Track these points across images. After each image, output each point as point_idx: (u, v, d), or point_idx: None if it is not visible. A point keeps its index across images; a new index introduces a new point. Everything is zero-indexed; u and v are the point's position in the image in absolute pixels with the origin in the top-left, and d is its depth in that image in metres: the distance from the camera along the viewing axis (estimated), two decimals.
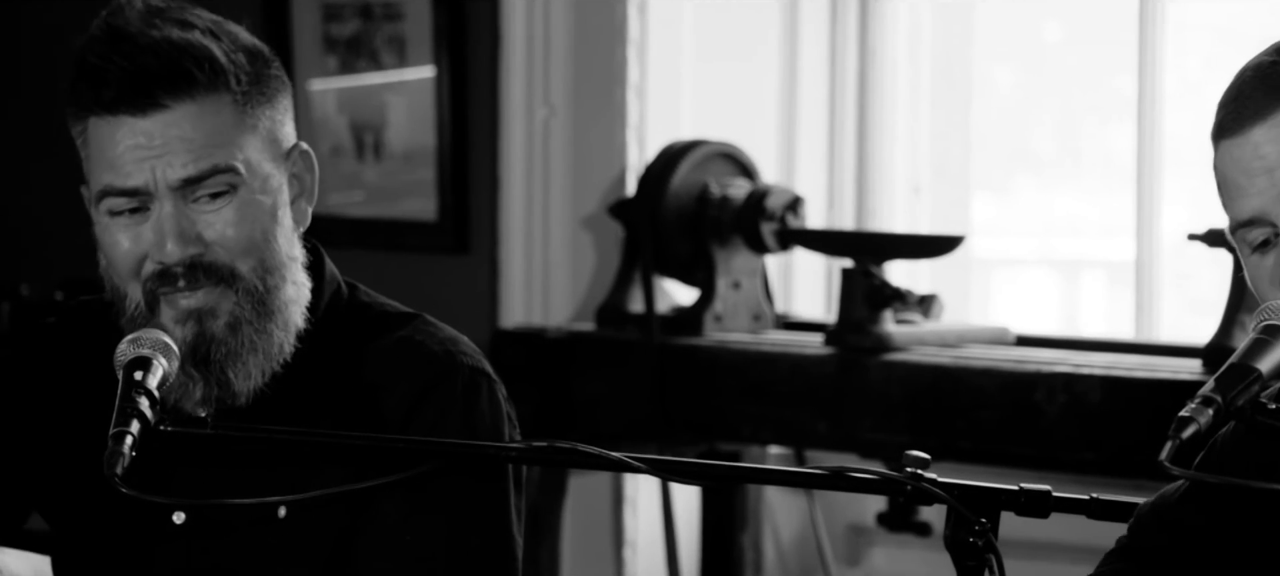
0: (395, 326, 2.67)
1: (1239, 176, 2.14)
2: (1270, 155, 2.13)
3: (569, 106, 4.91)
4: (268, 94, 2.58)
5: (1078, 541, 2.55)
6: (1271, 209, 2.13)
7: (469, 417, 2.62)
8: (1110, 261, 4.93)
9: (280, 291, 2.57)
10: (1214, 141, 2.19)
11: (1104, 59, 4.91)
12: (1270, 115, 2.13)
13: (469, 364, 2.66)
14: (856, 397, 4.30)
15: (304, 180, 2.65)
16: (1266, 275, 2.15)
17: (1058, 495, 2.33)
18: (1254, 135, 2.14)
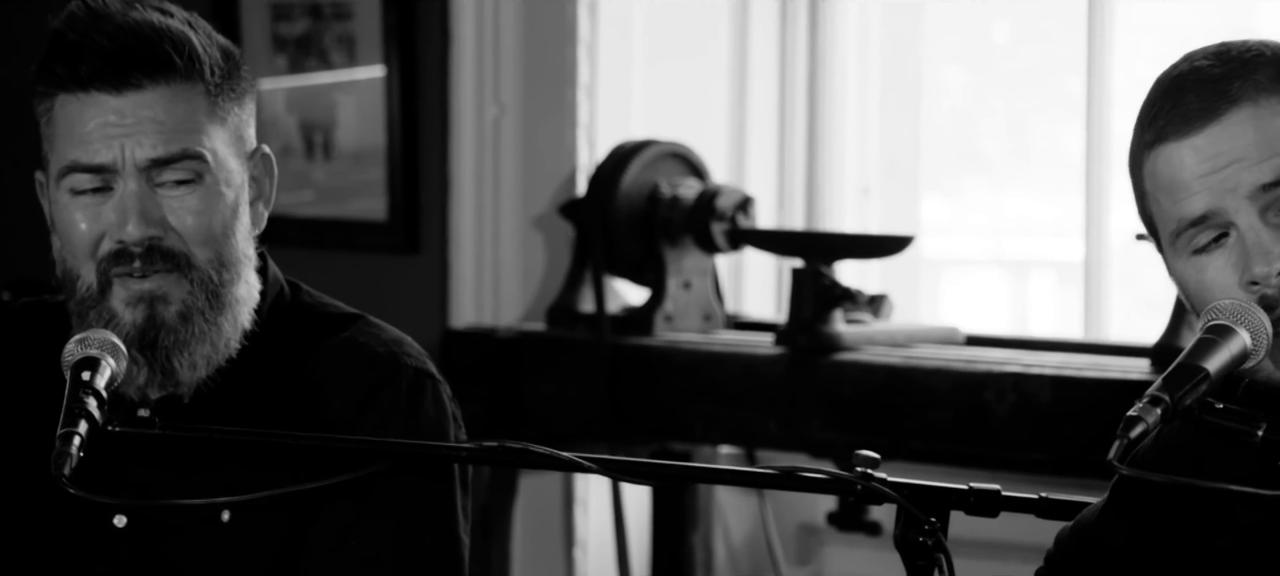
0: (339, 327, 2.67)
1: (1187, 177, 2.15)
2: (1222, 154, 2.14)
3: (519, 106, 4.90)
4: (237, 92, 2.59)
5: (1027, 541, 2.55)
6: (1225, 203, 2.13)
7: (414, 419, 2.61)
8: (1059, 261, 4.94)
9: (233, 287, 2.57)
10: (1150, 148, 2.19)
11: (1053, 59, 4.92)
12: (1216, 115, 2.14)
13: (413, 365, 2.65)
14: (807, 397, 4.31)
15: (263, 184, 2.65)
16: (1213, 276, 2.15)
17: (1007, 494, 2.34)
18: (1200, 138, 2.15)
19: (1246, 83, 2.15)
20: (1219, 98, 2.15)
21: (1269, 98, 2.15)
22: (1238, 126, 2.14)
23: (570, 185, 4.83)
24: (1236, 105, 2.14)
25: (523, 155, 4.90)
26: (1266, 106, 2.14)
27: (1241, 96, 2.14)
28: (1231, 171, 2.13)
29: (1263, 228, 2.12)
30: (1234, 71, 2.16)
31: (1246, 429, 2.08)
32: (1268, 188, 2.12)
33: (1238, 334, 2.09)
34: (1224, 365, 2.09)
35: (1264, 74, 2.16)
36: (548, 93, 4.86)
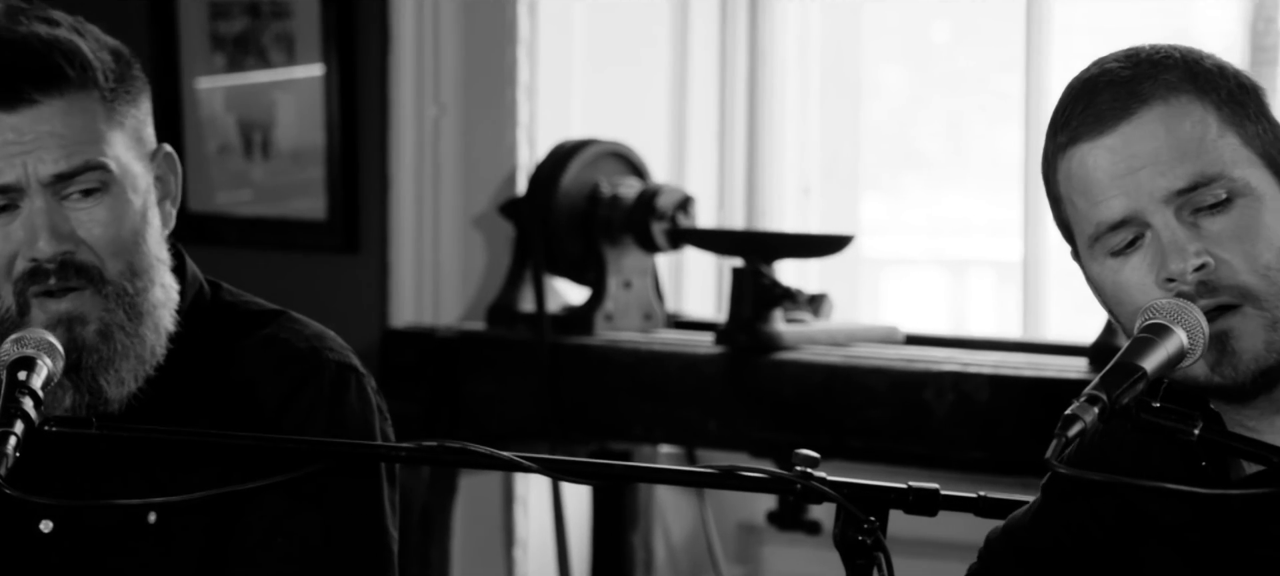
0: (260, 324, 2.65)
1: (1103, 180, 2.16)
2: (1137, 155, 2.15)
3: (459, 105, 4.89)
4: (132, 93, 2.56)
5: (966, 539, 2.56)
6: (1142, 205, 2.15)
7: (337, 413, 2.60)
8: (998, 261, 4.96)
9: (149, 294, 2.54)
10: (1063, 150, 2.20)
11: (991, 60, 4.94)
12: (1129, 115, 2.16)
13: (335, 359, 2.63)
14: (747, 397, 4.31)
15: (168, 182, 2.62)
16: (1132, 278, 2.17)
17: (946, 493, 2.34)
18: (1114, 139, 2.16)
19: (1156, 83, 2.16)
20: (1130, 97, 2.16)
21: (1178, 97, 2.16)
22: (1149, 126, 2.15)
23: (510, 184, 4.82)
24: (1147, 105, 2.15)
25: (463, 154, 4.90)
26: (1176, 105, 2.15)
27: (1152, 96, 2.15)
28: (1146, 174, 2.14)
29: (1178, 226, 2.14)
30: (1144, 72, 2.17)
31: (1184, 427, 2.10)
32: (1181, 193, 2.14)
33: (1175, 333, 2.10)
34: (1161, 364, 2.10)
35: (1173, 75, 2.17)
36: (488, 92, 4.85)
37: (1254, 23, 4.50)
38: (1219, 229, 2.14)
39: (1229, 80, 2.19)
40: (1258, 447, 2.14)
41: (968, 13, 5.03)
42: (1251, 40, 4.48)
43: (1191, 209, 2.14)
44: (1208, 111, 2.16)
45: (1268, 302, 2.13)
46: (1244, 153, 2.16)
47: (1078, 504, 2.36)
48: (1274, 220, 2.15)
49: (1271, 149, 2.18)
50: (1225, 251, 2.13)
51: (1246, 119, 2.17)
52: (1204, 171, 2.14)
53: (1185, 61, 2.19)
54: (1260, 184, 2.16)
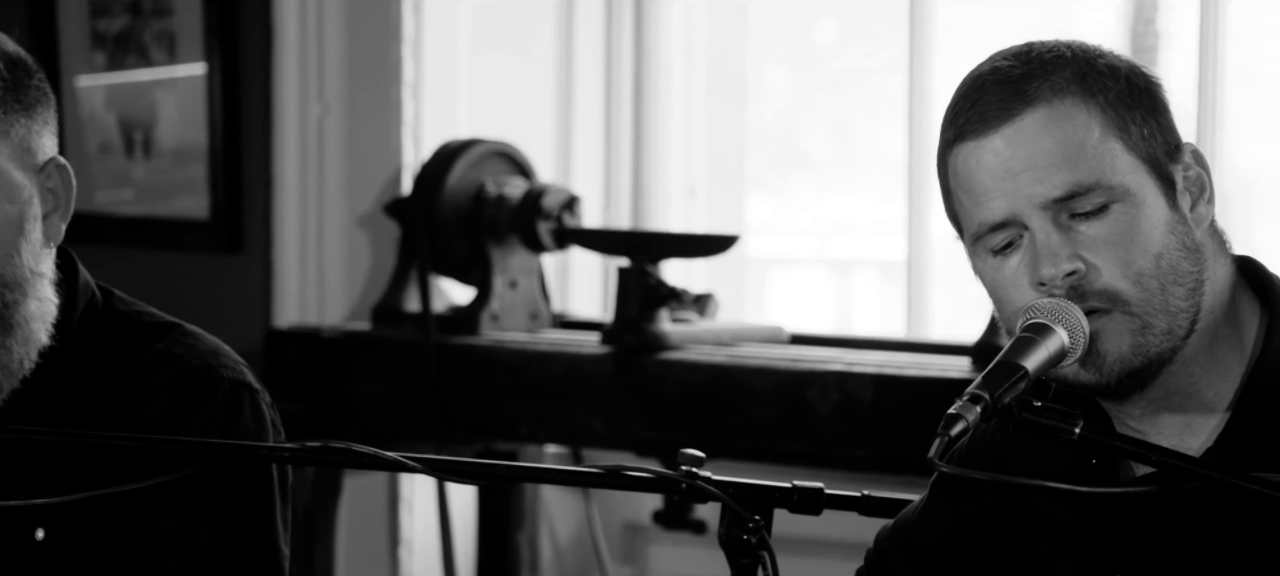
0: (154, 338, 2.60)
1: (985, 180, 2.17)
2: (1018, 158, 2.16)
3: (343, 104, 4.87)
4: (25, 103, 2.50)
5: (850, 538, 2.57)
6: (1021, 209, 2.16)
7: (232, 432, 2.56)
8: (883, 261, 4.99)
9: (21, 307, 2.49)
10: (951, 146, 2.21)
11: (876, 60, 4.97)
12: (1013, 117, 2.16)
13: (230, 377, 2.59)
14: (632, 396, 4.32)
15: (59, 195, 2.56)
16: (1010, 277, 2.18)
17: (830, 492, 2.35)
18: (997, 140, 2.16)
19: (1044, 83, 2.16)
20: (1016, 98, 2.16)
21: (1063, 100, 2.16)
22: (1031, 129, 2.15)
23: (395, 184, 4.80)
24: (1031, 107, 2.16)
25: (347, 153, 4.87)
26: (1060, 109, 2.15)
27: (1037, 99, 2.16)
28: (1025, 178, 2.15)
29: (1053, 230, 2.15)
30: (1033, 72, 2.17)
31: (1064, 426, 2.11)
32: (1059, 201, 2.15)
33: (1056, 332, 2.12)
34: (1042, 363, 2.11)
35: (1062, 76, 2.17)
36: (372, 91, 4.83)
37: (1134, 24, 4.55)
38: (1095, 234, 2.15)
39: (1121, 81, 2.19)
40: (1139, 447, 2.16)
41: (852, 14, 5.05)
42: (1131, 41, 4.53)
43: (1069, 213, 2.15)
44: (1092, 115, 2.16)
45: (1137, 307, 2.15)
46: (1126, 158, 2.16)
47: (966, 501, 2.38)
48: (1151, 226, 2.16)
49: (1157, 151, 2.18)
50: (1098, 257, 2.14)
51: (1132, 122, 2.17)
52: (1081, 180, 2.14)
53: (1077, 61, 2.19)
54: (1140, 188, 2.16)
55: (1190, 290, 2.16)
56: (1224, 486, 2.08)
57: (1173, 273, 2.15)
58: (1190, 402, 2.21)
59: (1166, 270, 2.15)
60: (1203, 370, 2.20)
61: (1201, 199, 2.20)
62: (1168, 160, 2.19)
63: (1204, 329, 2.18)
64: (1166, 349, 2.16)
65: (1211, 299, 2.19)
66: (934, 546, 2.41)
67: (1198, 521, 2.18)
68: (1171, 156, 2.19)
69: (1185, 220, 2.18)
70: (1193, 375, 2.19)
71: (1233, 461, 2.14)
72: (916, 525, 2.42)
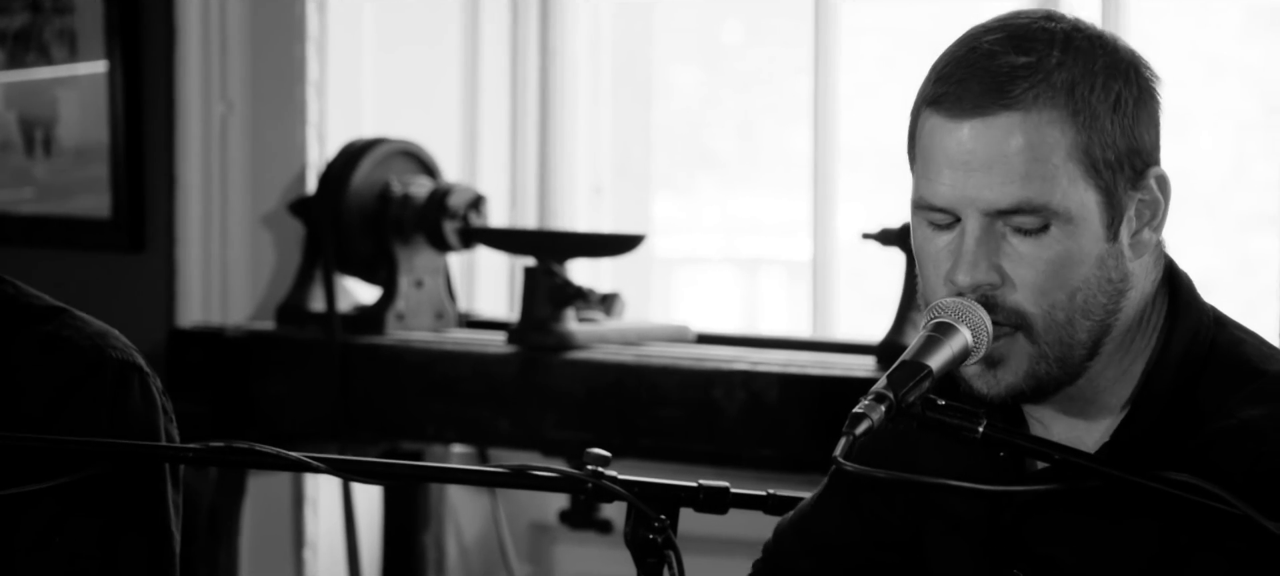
0: (40, 321, 2.58)
1: (940, 161, 2.15)
2: (977, 156, 2.14)
3: (247, 103, 4.84)
4: None
5: (756, 537, 2.58)
6: (962, 206, 2.15)
7: (119, 412, 2.54)
8: (789, 260, 5.01)
9: None
10: (928, 105, 2.16)
11: (782, 61, 4.98)
12: (988, 114, 2.13)
13: (118, 357, 2.57)
14: (539, 396, 4.31)
15: None
16: (935, 254, 2.18)
17: (736, 491, 2.35)
18: (965, 129, 2.14)
19: (1030, 89, 2.12)
20: (996, 96, 2.12)
21: (1043, 111, 2.11)
22: (999, 132, 2.12)
23: (300, 183, 4.78)
24: (1008, 111, 2.11)
25: (251, 152, 4.85)
26: (1035, 118, 2.11)
27: (1016, 103, 2.11)
28: (977, 178, 2.13)
29: (981, 237, 2.13)
30: (1023, 72, 2.12)
31: (968, 425, 2.12)
32: (1001, 212, 2.14)
33: (960, 332, 2.12)
34: (946, 362, 2.11)
35: (1053, 82, 2.12)
36: (276, 89, 4.80)
37: None
38: (1023, 252, 2.14)
39: (1113, 95, 2.13)
40: (1042, 445, 2.17)
41: (758, 14, 5.06)
42: None
43: (1007, 223, 2.14)
44: (1065, 135, 2.12)
45: (1040, 337, 2.15)
46: (1080, 185, 2.13)
47: (866, 493, 2.39)
48: (1080, 258, 2.14)
49: (1118, 179, 2.13)
50: (1018, 274, 2.14)
51: (1105, 148, 2.13)
52: (1030, 198, 2.12)
53: (1075, 66, 2.13)
54: (1084, 219, 2.13)
55: (1097, 323, 2.16)
56: (1122, 483, 2.09)
57: (1084, 308, 2.15)
58: (1088, 403, 2.22)
59: (1079, 305, 2.15)
60: (1109, 381, 2.21)
61: (1149, 225, 2.18)
62: (1127, 187, 2.15)
63: (1112, 347, 2.19)
64: (1059, 376, 2.16)
65: (1126, 318, 2.19)
66: (833, 538, 2.42)
67: (1098, 517, 2.20)
68: (1134, 181, 2.16)
69: (1120, 252, 2.16)
70: (1097, 384, 2.21)
71: (1127, 458, 2.16)
72: (815, 516, 2.43)
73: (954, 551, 2.32)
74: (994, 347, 2.14)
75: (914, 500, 2.36)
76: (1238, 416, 2.14)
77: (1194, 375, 2.19)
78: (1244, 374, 2.18)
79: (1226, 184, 4.59)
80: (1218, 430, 2.14)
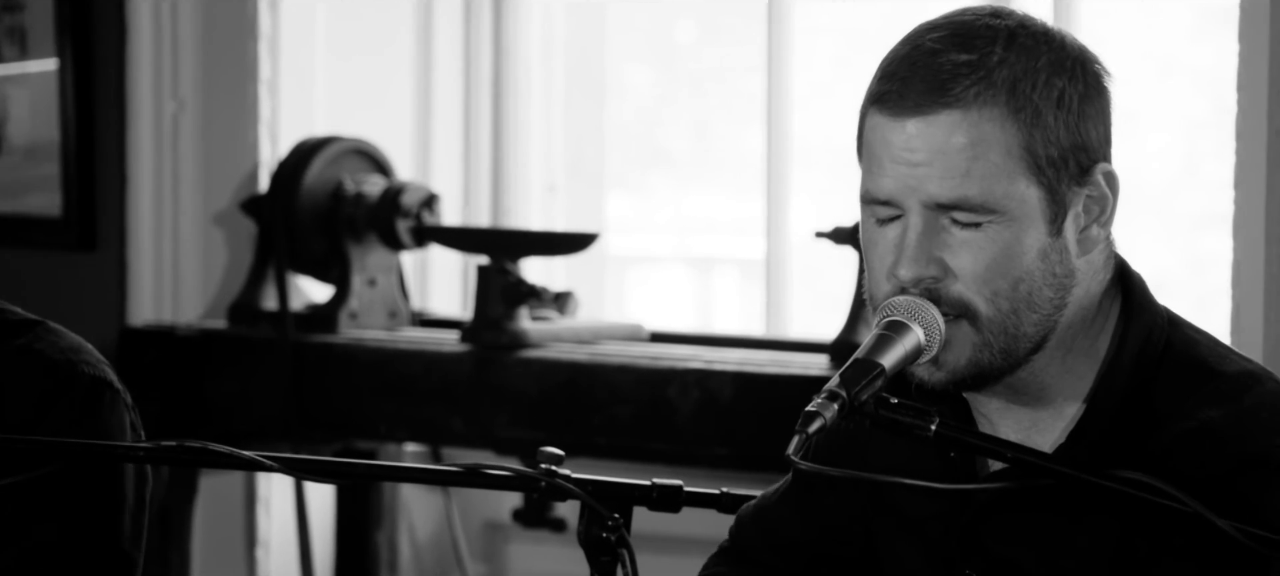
0: (15, 334, 2.57)
1: (884, 157, 2.16)
2: (919, 151, 2.15)
3: (199, 101, 4.83)
4: None
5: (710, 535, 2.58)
6: (905, 198, 2.16)
7: (89, 429, 2.53)
8: (742, 259, 5.01)
9: None
10: (872, 102, 2.18)
11: (735, 60, 4.99)
12: (929, 112, 2.13)
13: (90, 373, 2.57)
14: (492, 394, 4.31)
15: None
16: (881, 249, 2.19)
17: (689, 490, 2.36)
18: (908, 126, 2.15)
19: (972, 87, 2.13)
20: (939, 94, 2.13)
21: (985, 109, 2.12)
22: (942, 129, 2.13)
23: (252, 181, 4.77)
24: (949, 109, 2.12)
25: (203, 150, 4.83)
26: (977, 117, 2.12)
27: (958, 102, 2.12)
28: (920, 172, 2.14)
29: (924, 232, 2.14)
30: (965, 70, 2.14)
31: (920, 423, 2.12)
32: (942, 206, 2.15)
33: (912, 330, 2.13)
34: (899, 360, 2.12)
35: (995, 79, 2.13)
36: (228, 87, 4.79)
37: None
38: (964, 241, 2.15)
39: (1056, 92, 2.14)
40: (994, 443, 2.17)
41: (712, 13, 5.07)
42: None
43: (949, 216, 2.15)
44: (1006, 133, 2.13)
45: (985, 326, 2.16)
46: (1023, 181, 2.14)
47: (825, 490, 2.39)
48: (1023, 251, 2.15)
49: (1062, 176, 2.14)
50: (960, 265, 2.15)
51: (1048, 144, 2.14)
52: (969, 195, 2.13)
53: (1018, 64, 2.14)
54: (1026, 215, 2.14)
55: (1043, 317, 2.17)
56: (1075, 483, 2.10)
57: (1028, 300, 2.16)
58: (1040, 401, 2.23)
59: (1022, 296, 2.15)
60: (1054, 376, 2.21)
61: (1097, 221, 2.19)
62: (1072, 183, 2.16)
63: (1058, 342, 2.20)
64: (1002, 365, 2.17)
65: (1073, 315, 2.20)
66: (791, 532, 2.42)
67: (1054, 517, 2.20)
68: (1079, 178, 2.16)
69: (1065, 247, 2.17)
70: (1042, 379, 2.21)
71: (1085, 457, 2.17)
72: (776, 508, 2.44)
73: (905, 551, 2.32)
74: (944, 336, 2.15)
75: (866, 499, 2.36)
76: (1197, 417, 2.15)
77: (1149, 375, 2.20)
78: (1200, 374, 2.19)
79: (1177, 183, 4.61)
80: (1178, 432, 2.15)
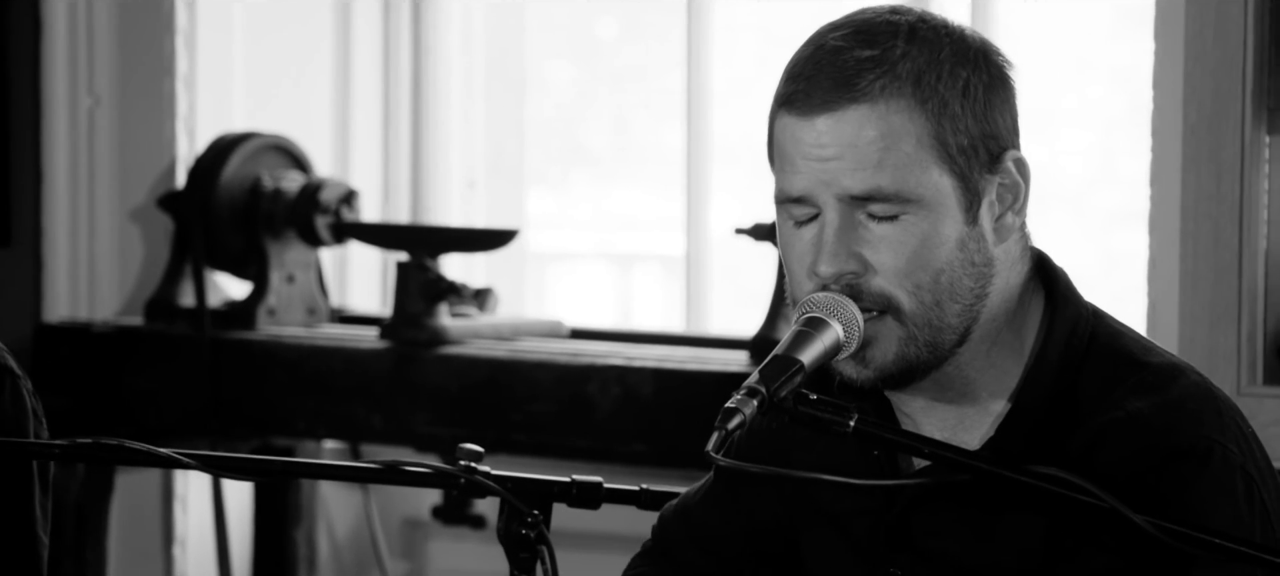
0: None
1: (796, 156, 2.17)
2: (829, 147, 2.16)
3: (115, 96, 4.80)
4: None
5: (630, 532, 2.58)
6: (819, 194, 2.17)
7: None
8: (662, 255, 5.02)
9: None
10: (780, 106, 2.20)
11: (655, 57, 4.99)
12: (838, 108, 2.15)
13: None
14: (412, 391, 4.30)
15: None
16: (800, 250, 2.19)
17: (609, 486, 2.36)
18: (818, 123, 2.16)
19: (877, 80, 2.14)
20: (845, 89, 2.15)
21: (892, 101, 2.14)
22: (852, 123, 2.14)
23: (169, 177, 4.74)
24: (856, 104, 2.14)
25: (119, 146, 4.81)
26: (885, 108, 2.14)
27: (865, 96, 2.14)
28: (833, 167, 2.16)
29: (842, 226, 2.15)
30: (870, 64, 2.15)
31: (839, 419, 2.13)
32: (856, 199, 2.16)
33: (831, 327, 2.13)
34: (818, 357, 2.12)
35: (900, 71, 2.15)
36: (145, 83, 4.76)
37: None
38: (883, 236, 2.16)
39: (960, 83, 2.16)
40: (913, 440, 2.18)
41: (632, 10, 5.07)
42: None
43: (865, 210, 2.16)
44: (914, 123, 2.15)
45: (908, 318, 2.16)
46: (934, 171, 2.15)
47: (747, 488, 2.40)
48: (941, 241, 2.16)
49: (973, 164, 2.16)
50: (880, 260, 2.16)
51: (956, 133, 2.16)
52: (882, 186, 2.14)
53: (921, 56, 2.16)
54: (940, 203, 2.16)
55: (966, 306, 2.18)
56: (998, 478, 2.11)
57: (950, 290, 2.17)
58: (965, 397, 2.23)
59: (945, 287, 2.17)
60: (978, 371, 2.22)
61: (1011, 208, 2.20)
62: (983, 171, 2.17)
63: (982, 335, 2.21)
64: (929, 359, 2.18)
65: (995, 306, 2.21)
66: (715, 529, 2.42)
67: (980, 512, 2.21)
68: (990, 166, 2.18)
69: (982, 235, 2.18)
70: (967, 375, 2.22)
71: (1011, 453, 2.18)
72: (699, 508, 2.44)
73: (831, 548, 2.33)
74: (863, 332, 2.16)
75: (788, 496, 2.37)
76: (1124, 408, 2.16)
77: (1075, 368, 2.21)
78: (1126, 367, 2.21)
79: (1094, 180, 4.64)
80: (1106, 422, 2.16)
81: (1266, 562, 2.02)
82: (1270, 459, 2.22)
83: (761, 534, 2.41)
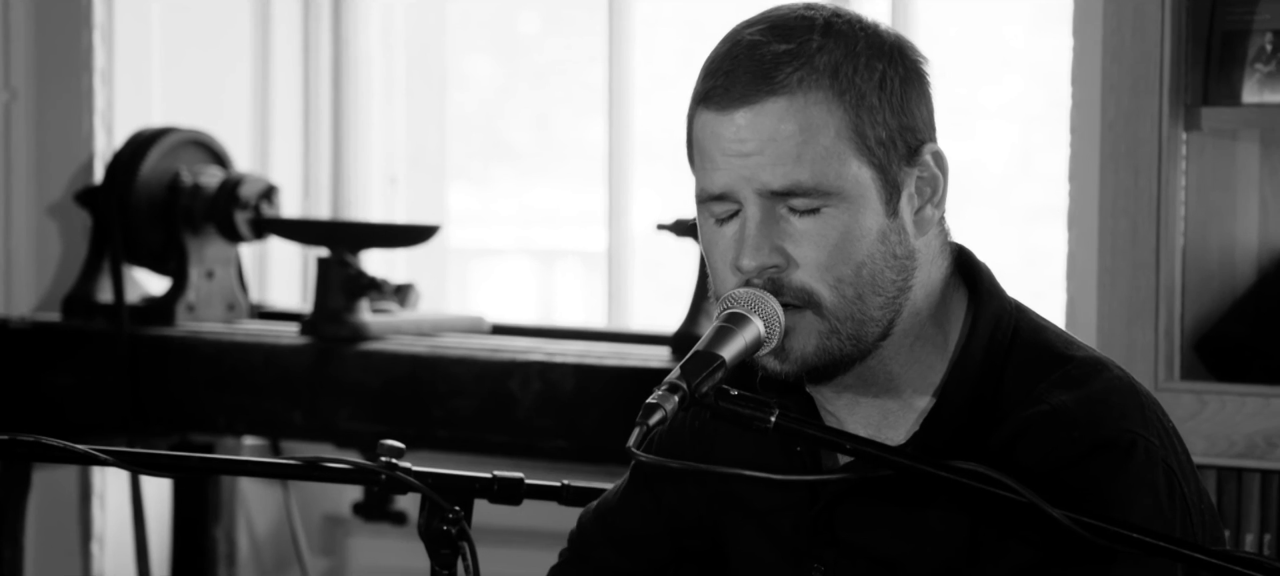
0: None
1: (715, 152, 2.18)
2: (749, 141, 2.16)
3: (31, 91, 4.77)
4: None
5: (550, 527, 2.58)
6: (740, 189, 2.17)
7: None
8: (584, 251, 5.02)
9: None
10: (697, 105, 2.20)
11: (577, 51, 4.99)
12: (756, 101, 2.16)
13: None
14: (332, 387, 4.29)
15: None
16: (722, 247, 2.20)
17: (530, 482, 2.36)
18: (737, 118, 2.17)
19: (794, 73, 2.15)
20: (763, 83, 2.16)
21: (810, 93, 2.15)
22: (770, 117, 2.15)
23: (87, 172, 4.72)
24: (774, 97, 2.15)
25: (35, 141, 4.78)
26: (803, 101, 2.15)
27: (783, 89, 2.15)
28: (752, 162, 2.16)
29: (762, 221, 2.16)
30: (786, 57, 2.16)
31: (760, 415, 2.13)
32: (776, 194, 2.16)
33: (752, 322, 2.14)
34: (739, 352, 2.13)
35: (816, 64, 2.16)
36: (62, 78, 4.74)
37: None
38: (803, 230, 2.17)
39: (876, 76, 2.17)
40: (835, 436, 2.18)
41: (553, 5, 5.06)
42: None
43: (785, 205, 2.17)
44: (832, 115, 2.15)
45: (830, 312, 2.17)
46: (853, 163, 2.16)
47: (666, 486, 2.40)
48: (861, 234, 2.17)
49: (891, 156, 2.17)
50: (801, 254, 2.16)
51: (874, 126, 2.17)
52: (801, 180, 2.15)
53: (837, 49, 2.17)
54: (860, 196, 2.17)
55: (888, 299, 2.19)
56: (921, 474, 2.12)
57: (872, 283, 2.18)
58: (889, 393, 2.24)
59: (866, 280, 2.17)
60: (902, 366, 2.23)
61: (931, 201, 2.21)
62: (902, 163, 2.18)
63: (905, 330, 2.21)
64: (852, 352, 2.19)
65: (917, 301, 2.21)
66: (635, 530, 2.42)
67: (901, 508, 2.22)
68: (909, 158, 2.19)
69: (902, 228, 2.19)
70: (891, 370, 2.23)
71: (935, 448, 2.18)
72: (618, 508, 2.44)
73: (754, 545, 2.33)
74: (785, 326, 2.16)
75: (712, 493, 2.37)
76: (1048, 402, 2.18)
77: (999, 362, 2.22)
78: (1050, 360, 2.22)
79: (1013, 176, 4.67)
80: (1029, 416, 2.17)
81: (1185, 556, 2.04)
82: (1190, 453, 2.24)
83: (684, 532, 2.41)
